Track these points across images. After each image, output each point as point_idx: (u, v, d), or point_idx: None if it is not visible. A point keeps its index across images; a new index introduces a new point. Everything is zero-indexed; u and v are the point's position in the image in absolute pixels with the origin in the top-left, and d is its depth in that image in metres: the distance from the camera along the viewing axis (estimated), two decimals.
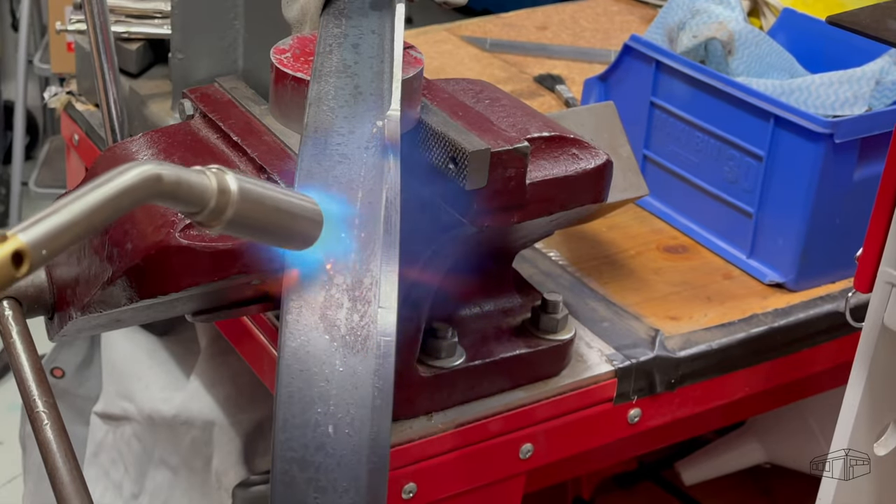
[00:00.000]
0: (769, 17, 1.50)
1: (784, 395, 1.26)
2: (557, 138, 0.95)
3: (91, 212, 0.56)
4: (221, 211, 0.62)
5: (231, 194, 0.62)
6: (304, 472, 0.66)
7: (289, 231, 0.68)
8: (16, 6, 3.44)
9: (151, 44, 1.47)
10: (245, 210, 0.63)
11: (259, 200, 0.64)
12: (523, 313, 1.05)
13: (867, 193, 0.97)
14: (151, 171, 0.59)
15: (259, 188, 0.65)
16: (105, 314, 0.88)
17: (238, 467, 1.39)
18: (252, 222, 0.65)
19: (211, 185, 0.62)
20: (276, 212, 0.66)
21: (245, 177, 0.64)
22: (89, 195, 0.56)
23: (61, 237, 0.55)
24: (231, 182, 0.62)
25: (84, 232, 0.56)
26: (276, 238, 0.68)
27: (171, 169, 0.60)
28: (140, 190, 0.58)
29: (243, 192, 0.63)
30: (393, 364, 0.67)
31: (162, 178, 0.59)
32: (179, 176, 0.60)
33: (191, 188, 0.61)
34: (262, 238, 0.68)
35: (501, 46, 1.75)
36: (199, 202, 0.61)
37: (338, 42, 0.86)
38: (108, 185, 0.57)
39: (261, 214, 0.65)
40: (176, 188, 0.60)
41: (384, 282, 0.69)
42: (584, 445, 1.08)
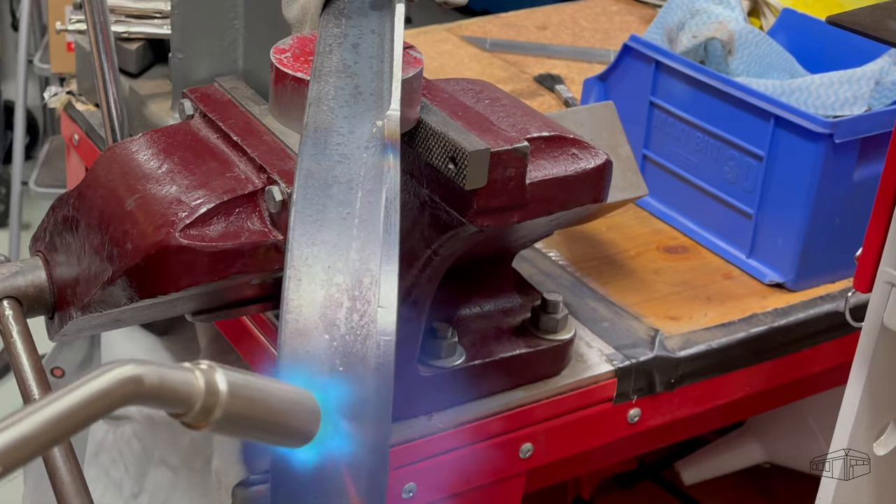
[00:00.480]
0: (769, 17, 1.50)
1: (784, 394, 1.26)
2: (557, 138, 0.95)
3: (59, 421, 0.51)
4: (209, 412, 0.57)
5: (220, 395, 0.57)
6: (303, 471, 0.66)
7: (284, 428, 0.63)
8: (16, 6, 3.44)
9: (151, 44, 1.47)
10: (236, 409, 0.58)
11: (251, 398, 0.60)
12: (523, 313, 1.05)
13: (867, 193, 0.97)
14: (131, 374, 0.54)
15: (251, 386, 0.60)
16: (105, 314, 0.88)
17: (238, 467, 1.39)
18: (244, 421, 0.60)
19: (198, 385, 0.57)
20: (269, 410, 0.61)
21: (236, 373, 0.59)
22: (57, 403, 0.51)
23: (21, 451, 0.49)
24: (220, 381, 0.57)
25: (51, 443, 0.51)
26: (270, 436, 0.63)
27: (154, 370, 0.55)
28: (117, 395, 0.53)
29: (233, 391, 0.58)
30: (393, 364, 0.67)
31: (143, 381, 0.54)
32: (163, 377, 0.55)
33: (175, 390, 0.56)
34: (255, 436, 0.63)
35: (501, 46, 1.75)
36: (185, 403, 0.56)
37: (338, 42, 0.87)
38: (80, 391, 0.52)
39: (254, 413, 0.60)
40: (158, 391, 0.55)
41: (384, 282, 0.69)
42: (584, 445, 1.08)
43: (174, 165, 0.91)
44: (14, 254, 3.03)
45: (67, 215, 0.93)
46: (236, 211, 0.87)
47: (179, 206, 0.85)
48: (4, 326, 0.90)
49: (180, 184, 0.88)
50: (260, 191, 0.88)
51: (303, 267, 0.69)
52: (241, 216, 0.87)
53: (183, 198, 0.86)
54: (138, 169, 0.91)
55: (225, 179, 0.89)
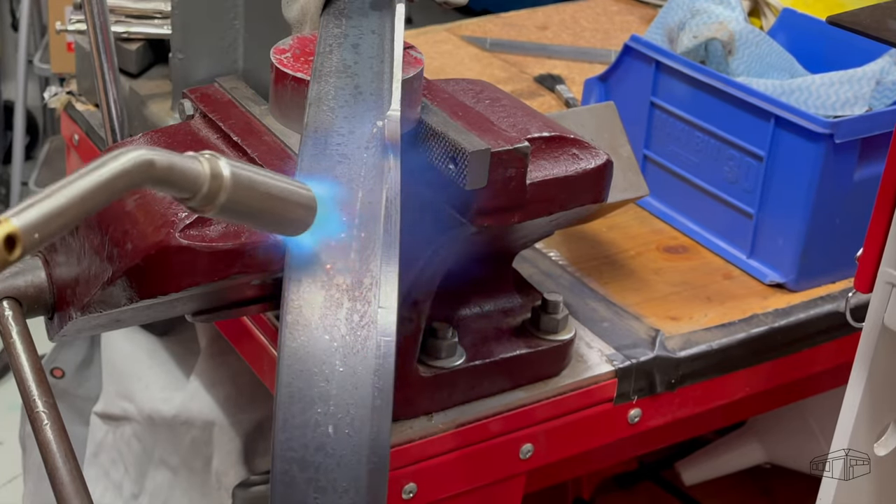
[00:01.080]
0: (769, 17, 1.50)
1: (784, 395, 1.26)
2: (557, 138, 0.95)
3: (84, 196, 0.56)
4: (214, 196, 0.63)
5: (223, 179, 0.63)
6: (304, 472, 0.66)
7: (282, 216, 0.68)
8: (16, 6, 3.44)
9: (151, 44, 1.47)
10: (238, 195, 0.64)
11: (251, 186, 0.65)
12: (523, 313, 1.05)
13: (867, 193, 0.97)
14: (144, 157, 0.59)
15: (252, 173, 0.65)
16: (105, 314, 0.88)
17: (238, 467, 1.39)
18: (245, 207, 0.65)
19: (203, 171, 0.62)
20: (268, 197, 0.66)
21: (238, 162, 0.64)
22: (82, 180, 0.57)
23: (54, 221, 0.55)
24: (224, 167, 0.63)
25: (76, 216, 0.56)
26: (269, 223, 0.69)
27: (164, 154, 0.60)
28: (132, 175, 0.59)
29: (236, 178, 0.63)
30: (393, 364, 0.67)
31: (154, 164, 0.59)
32: (172, 161, 0.60)
33: (183, 173, 0.61)
34: (255, 223, 0.68)
35: (501, 46, 1.75)
36: (192, 187, 0.62)
37: (338, 42, 0.86)
38: (101, 170, 0.58)
39: (254, 200, 0.65)
40: (168, 173, 0.60)
41: (384, 282, 0.69)
42: (584, 445, 1.08)
43: None
44: None
45: None
46: None
47: (179, 207, 0.85)
48: (4, 327, 0.90)
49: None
50: None
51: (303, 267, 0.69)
52: None
53: None
54: None
55: None
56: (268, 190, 0.66)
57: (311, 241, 0.70)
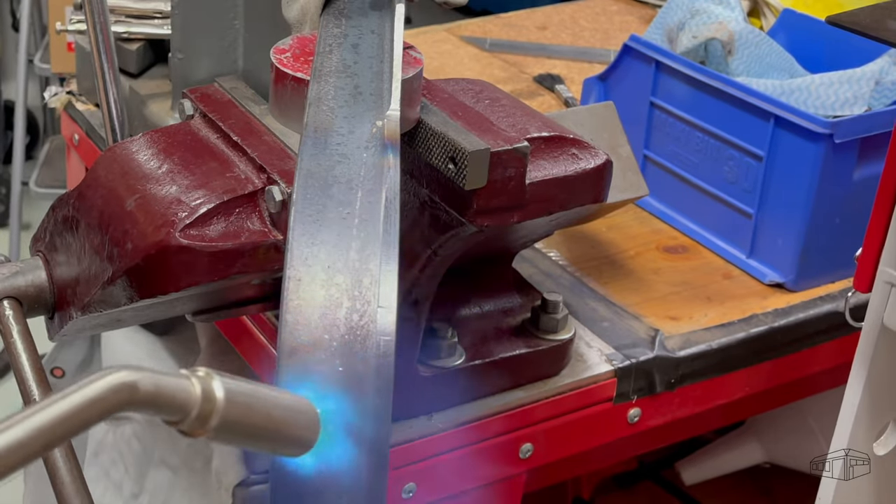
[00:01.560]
0: (769, 17, 1.50)
1: (784, 394, 1.26)
2: (557, 138, 0.95)
3: (52, 427, 0.51)
4: (206, 420, 0.57)
5: (217, 402, 0.57)
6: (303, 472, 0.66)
7: (283, 438, 0.63)
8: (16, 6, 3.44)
9: (151, 44, 1.47)
10: (233, 417, 0.58)
11: (249, 407, 0.59)
12: (523, 313, 1.05)
13: (867, 193, 0.97)
14: (124, 380, 0.53)
15: (249, 394, 0.59)
16: (105, 314, 0.88)
17: (238, 467, 1.39)
18: (242, 429, 0.59)
19: (194, 392, 0.56)
20: (268, 419, 0.61)
21: (234, 380, 0.59)
22: (50, 408, 0.51)
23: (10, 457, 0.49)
24: (217, 389, 0.57)
25: (44, 448, 0.51)
26: (269, 445, 0.63)
27: (150, 377, 0.54)
28: (111, 402, 0.53)
29: (230, 399, 0.57)
30: (393, 364, 0.67)
31: (137, 388, 0.54)
32: (158, 384, 0.54)
33: (172, 397, 0.55)
34: (253, 445, 0.62)
35: (501, 46, 1.75)
36: (181, 411, 0.56)
37: (338, 42, 0.87)
38: (72, 398, 0.52)
39: (252, 422, 0.60)
40: (153, 398, 0.55)
41: (384, 282, 0.69)
42: (583, 445, 1.08)
43: (174, 165, 0.91)
44: (14, 254, 3.03)
45: (67, 215, 0.93)
46: (236, 211, 0.87)
47: (179, 206, 0.85)
48: (4, 326, 0.90)
49: (180, 184, 0.88)
50: (260, 191, 0.88)
51: (303, 267, 0.69)
52: (241, 216, 0.87)
53: (183, 198, 0.86)
54: (138, 169, 0.91)
55: (225, 179, 0.89)
56: (267, 411, 0.60)
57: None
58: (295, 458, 0.65)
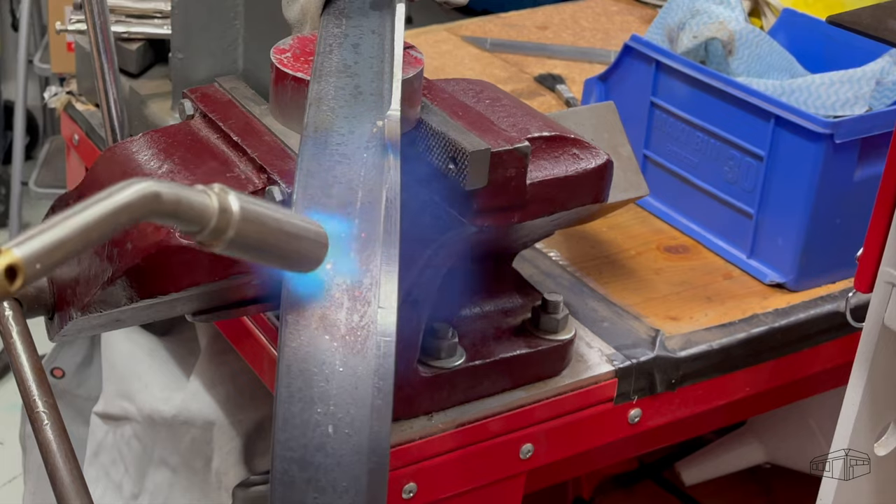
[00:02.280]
0: (770, 17, 1.50)
1: (784, 395, 1.26)
2: (558, 138, 0.95)
3: (87, 228, 0.55)
4: (223, 230, 0.61)
5: (232, 214, 0.61)
6: (303, 472, 0.66)
7: (293, 253, 0.67)
8: (16, 6, 3.44)
9: (151, 44, 1.47)
10: (247, 230, 0.62)
11: (261, 221, 0.63)
12: (523, 313, 1.05)
13: (867, 193, 0.97)
14: (150, 189, 0.58)
15: (262, 208, 0.63)
16: (105, 314, 0.88)
17: (238, 467, 1.39)
18: (254, 243, 0.63)
19: (212, 204, 0.60)
20: (279, 233, 0.65)
21: (248, 197, 0.63)
22: (86, 211, 0.55)
23: (56, 252, 0.54)
24: (233, 201, 0.61)
25: (79, 248, 0.55)
26: (279, 260, 0.66)
27: (171, 187, 0.59)
28: (138, 207, 0.57)
29: (245, 212, 0.62)
30: (393, 364, 0.67)
31: (161, 196, 0.58)
32: (179, 194, 0.59)
33: (191, 207, 0.59)
34: (265, 259, 0.66)
35: (502, 46, 1.75)
36: (200, 221, 0.60)
37: (338, 42, 0.86)
38: (106, 202, 0.56)
39: (263, 235, 0.63)
40: (175, 206, 0.59)
41: (384, 282, 0.69)
42: (584, 445, 1.08)
43: (174, 165, 0.91)
44: None
45: None
46: None
47: None
48: (4, 327, 0.90)
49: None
50: (260, 191, 0.88)
51: None
52: None
53: None
54: (138, 169, 0.91)
55: (225, 179, 0.89)
56: (279, 226, 0.65)
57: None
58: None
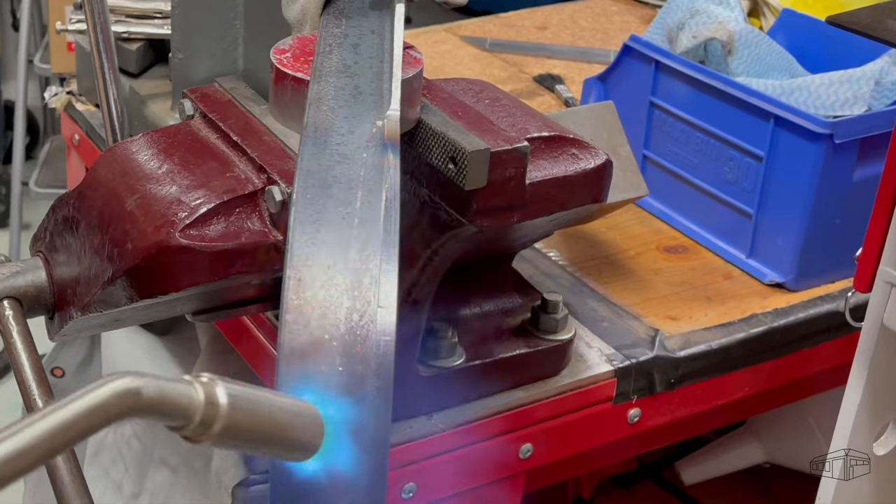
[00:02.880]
0: (769, 17, 1.50)
1: (784, 394, 1.26)
2: (557, 138, 0.95)
3: (55, 434, 0.50)
4: (209, 425, 0.56)
5: (220, 407, 0.56)
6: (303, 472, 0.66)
7: (287, 443, 0.62)
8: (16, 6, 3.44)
9: (151, 44, 1.47)
10: (237, 422, 0.58)
11: (253, 413, 0.59)
12: (523, 313, 1.05)
13: (867, 193, 0.97)
14: (129, 387, 0.53)
15: (252, 400, 0.59)
16: (105, 314, 0.88)
17: (238, 467, 1.39)
18: (245, 435, 0.59)
19: (197, 398, 0.56)
20: (272, 424, 0.60)
21: (238, 385, 0.58)
22: (54, 415, 0.51)
23: (19, 463, 0.49)
24: (220, 395, 0.57)
25: (47, 455, 0.50)
26: (272, 449, 0.62)
27: (153, 383, 0.54)
28: (115, 408, 0.53)
29: (234, 405, 0.57)
30: (393, 364, 0.67)
31: (141, 394, 0.53)
32: (162, 390, 0.54)
33: (174, 403, 0.55)
34: (257, 450, 0.62)
35: (501, 46, 1.75)
36: (184, 416, 0.56)
37: (338, 42, 0.87)
38: (78, 404, 0.51)
39: (255, 426, 0.59)
40: (157, 403, 0.54)
41: (384, 282, 0.69)
42: (583, 445, 1.08)
43: (174, 165, 0.91)
44: (14, 254, 3.03)
45: (68, 215, 0.93)
46: (236, 211, 0.87)
47: (179, 206, 0.85)
48: (4, 326, 0.90)
49: (180, 184, 0.88)
50: (260, 191, 0.88)
51: (303, 267, 0.69)
52: (241, 216, 0.87)
53: (183, 198, 0.86)
54: (138, 169, 0.91)
55: (225, 179, 0.89)
56: (270, 417, 0.60)
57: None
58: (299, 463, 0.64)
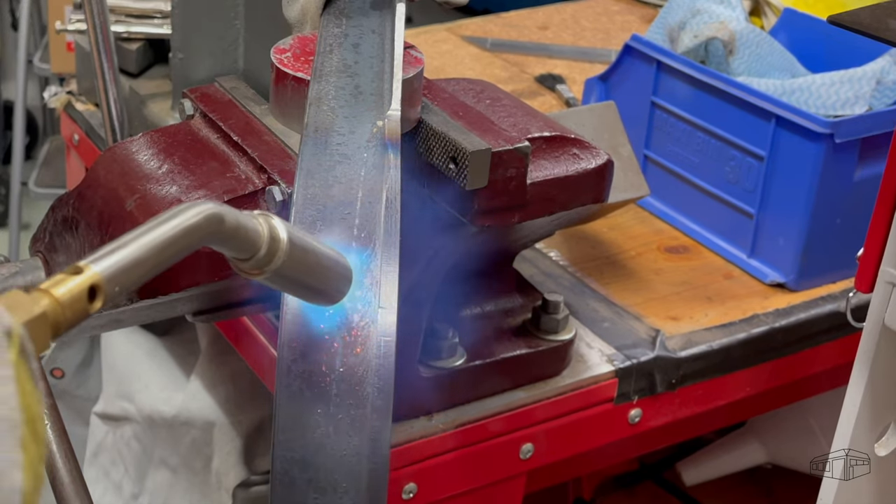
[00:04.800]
0: (770, 16, 1.49)
1: (785, 395, 1.26)
2: (558, 138, 0.95)
3: (159, 248, 0.54)
4: (269, 260, 0.60)
5: (281, 243, 0.60)
6: (303, 472, 0.66)
7: (324, 286, 0.65)
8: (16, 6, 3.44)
9: (151, 44, 1.47)
10: (293, 259, 0.61)
11: (304, 253, 0.62)
12: (524, 313, 1.05)
13: (868, 193, 0.97)
14: (215, 211, 0.56)
15: (304, 239, 0.62)
16: (105, 314, 0.88)
17: (238, 467, 1.39)
18: (294, 274, 0.62)
19: (263, 232, 0.59)
20: (316, 266, 0.63)
21: (290, 225, 0.61)
22: (157, 230, 0.54)
23: (132, 273, 0.52)
24: (281, 230, 0.60)
25: (153, 269, 0.54)
26: (309, 292, 0.65)
27: (232, 212, 0.57)
28: (204, 230, 0.56)
29: (292, 243, 0.60)
30: (393, 364, 0.67)
31: (224, 220, 0.57)
32: (238, 219, 0.58)
33: (247, 233, 0.58)
34: (295, 290, 0.65)
35: (502, 46, 1.75)
36: (251, 248, 0.59)
37: (338, 42, 0.86)
38: (175, 222, 0.55)
39: (303, 267, 0.62)
40: (235, 231, 0.58)
41: (384, 282, 0.69)
42: (584, 445, 1.08)
43: (174, 165, 0.91)
44: (14, 254, 3.03)
45: (67, 216, 0.93)
46: None
47: None
48: None
49: (180, 184, 0.88)
50: (260, 191, 0.88)
51: None
52: None
53: (183, 198, 0.86)
54: (138, 169, 0.91)
55: (225, 179, 0.89)
56: (317, 259, 0.63)
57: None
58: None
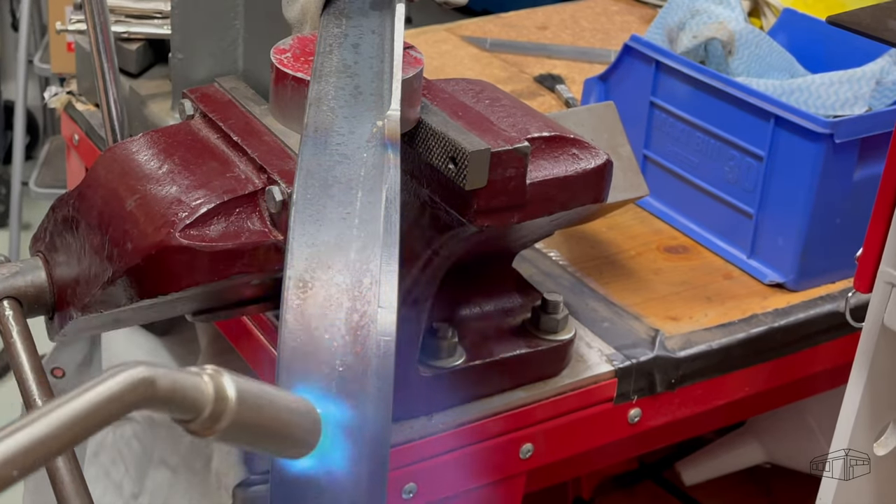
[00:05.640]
0: (769, 17, 1.50)
1: (784, 395, 1.26)
2: (557, 138, 0.95)
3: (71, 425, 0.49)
4: (217, 419, 0.55)
5: (229, 401, 0.55)
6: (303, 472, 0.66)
7: (286, 438, 0.62)
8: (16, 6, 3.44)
9: (151, 44, 1.47)
10: (243, 418, 0.57)
11: (258, 407, 0.58)
12: (523, 313, 1.05)
13: (867, 193, 0.97)
14: (144, 376, 0.52)
15: (258, 394, 0.58)
16: (105, 314, 0.88)
17: (238, 467, 1.39)
18: (249, 430, 0.58)
19: (207, 391, 0.55)
20: (273, 420, 0.59)
21: (241, 379, 0.58)
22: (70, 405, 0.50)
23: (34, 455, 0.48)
24: (229, 387, 0.56)
25: (63, 447, 0.49)
26: (272, 446, 0.62)
27: (166, 374, 0.53)
28: (130, 398, 0.52)
29: (241, 399, 0.56)
30: (393, 364, 0.67)
31: (156, 385, 0.52)
32: (174, 381, 0.53)
33: (185, 395, 0.54)
34: (257, 445, 0.61)
35: (501, 46, 1.75)
36: (194, 409, 0.55)
37: (338, 42, 0.86)
38: (97, 391, 0.50)
39: (259, 422, 0.58)
40: (171, 394, 0.53)
41: (384, 282, 0.69)
42: (584, 445, 1.08)
43: (174, 165, 0.91)
44: (14, 254, 3.03)
45: (67, 215, 0.93)
46: (236, 211, 0.87)
47: (179, 207, 0.85)
48: (4, 326, 0.90)
49: (180, 184, 0.88)
50: (260, 191, 0.88)
51: (303, 267, 0.69)
52: (242, 216, 0.87)
53: (183, 198, 0.86)
54: (138, 169, 0.91)
55: (225, 179, 0.89)
56: (274, 413, 0.59)
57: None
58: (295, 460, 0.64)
